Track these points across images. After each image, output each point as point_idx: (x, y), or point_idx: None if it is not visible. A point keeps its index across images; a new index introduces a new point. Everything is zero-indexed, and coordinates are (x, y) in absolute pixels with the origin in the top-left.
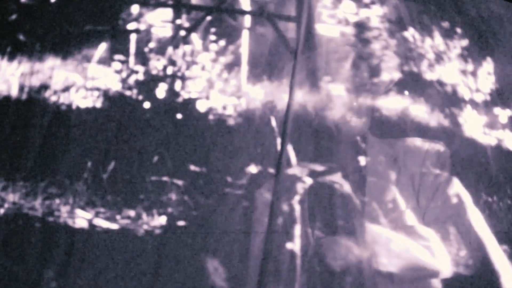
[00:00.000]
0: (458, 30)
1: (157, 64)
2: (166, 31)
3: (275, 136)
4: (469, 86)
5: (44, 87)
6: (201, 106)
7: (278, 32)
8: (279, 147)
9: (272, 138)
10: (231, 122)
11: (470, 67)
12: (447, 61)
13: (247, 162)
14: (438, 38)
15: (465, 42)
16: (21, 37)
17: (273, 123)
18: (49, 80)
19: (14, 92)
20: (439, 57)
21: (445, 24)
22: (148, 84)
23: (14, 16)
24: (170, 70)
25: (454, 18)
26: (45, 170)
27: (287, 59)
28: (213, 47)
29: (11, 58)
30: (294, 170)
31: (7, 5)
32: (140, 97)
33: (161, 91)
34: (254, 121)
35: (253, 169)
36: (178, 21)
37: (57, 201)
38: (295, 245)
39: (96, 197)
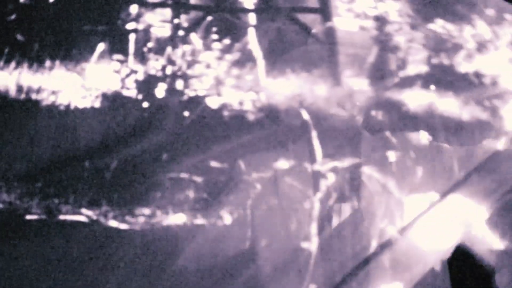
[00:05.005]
0: (508, 16)
1: (156, 63)
2: (165, 31)
3: (303, 131)
4: None
5: (43, 87)
6: (213, 103)
7: (299, 24)
8: (305, 143)
9: (301, 133)
10: (250, 117)
11: None
12: (493, 49)
13: (275, 157)
14: (482, 26)
15: None
16: (20, 37)
17: (304, 116)
18: (48, 80)
19: (13, 93)
20: (482, 46)
21: (491, 12)
22: (147, 84)
23: (13, 16)
24: (169, 70)
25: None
26: (44, 170)
27: (307, 52)
28: (217, 45)
29: (10, 58)
30: (318, 166)
31: (6, 5)
32: (140, 97)
33: (161, 90)
34: (279, 115)
35: (280, 164)
36: (177, 21)
37: (57, 201)
38: (311, 244)
39: (99, 196)
